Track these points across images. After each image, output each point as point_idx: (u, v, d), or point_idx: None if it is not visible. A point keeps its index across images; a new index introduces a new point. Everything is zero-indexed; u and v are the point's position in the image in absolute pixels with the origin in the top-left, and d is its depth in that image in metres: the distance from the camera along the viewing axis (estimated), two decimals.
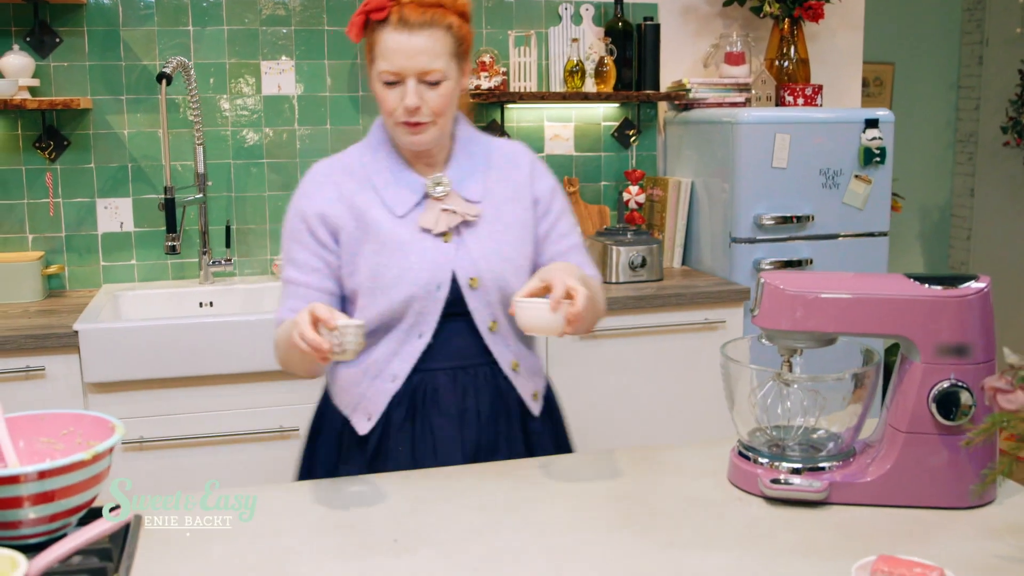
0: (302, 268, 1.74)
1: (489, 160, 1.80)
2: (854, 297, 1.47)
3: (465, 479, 1.61)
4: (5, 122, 3.01)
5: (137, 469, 2.62)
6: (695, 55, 3.51)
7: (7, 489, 1.24)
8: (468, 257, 1.73)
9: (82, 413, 1.45)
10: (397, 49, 1.64)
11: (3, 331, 2.56)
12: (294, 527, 1.44)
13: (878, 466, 1.49)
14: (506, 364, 1.78)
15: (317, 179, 1.77)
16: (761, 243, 3.08)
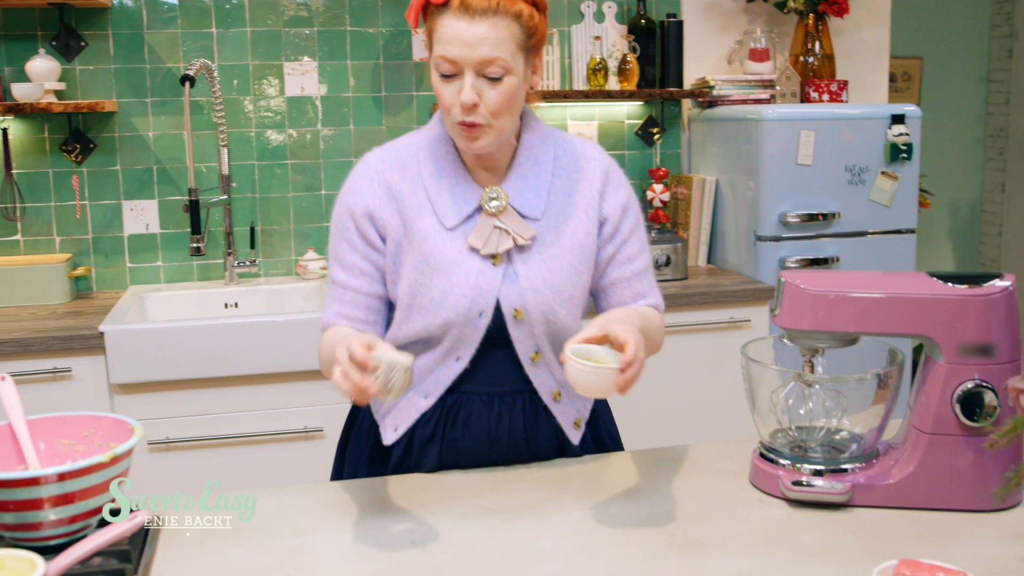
0: (351, 271, 1.63)
1: (556, 168, 1.64)
2: (875, 296, 1.45)
3: (483, 481, 1.61)
4: (32, 125, 3.04)
5: (163, 469, 2.64)
6: (719, 52, 3.49)
7: (28, 491, 1.25)
8: (516, 286, 1.59)
9: (102, 415, 1.45)
10: (456, 36, 1.47)
11: (31, 332, 2.59)
12: (313, 527, 1.44)
13: (901, 468, 1.47)
14: (547, 393, 1.66)
15: (369, 174, 1.64)
16: (786, 241, 3.06)
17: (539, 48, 1.56)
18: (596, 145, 1.72)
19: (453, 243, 1.58)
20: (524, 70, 1.53)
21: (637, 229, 1.68)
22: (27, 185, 3.06)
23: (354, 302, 1.63)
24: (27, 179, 3.06)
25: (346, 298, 1.63)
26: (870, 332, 1.48)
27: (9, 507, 1.26)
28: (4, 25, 2.98)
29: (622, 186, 1.68)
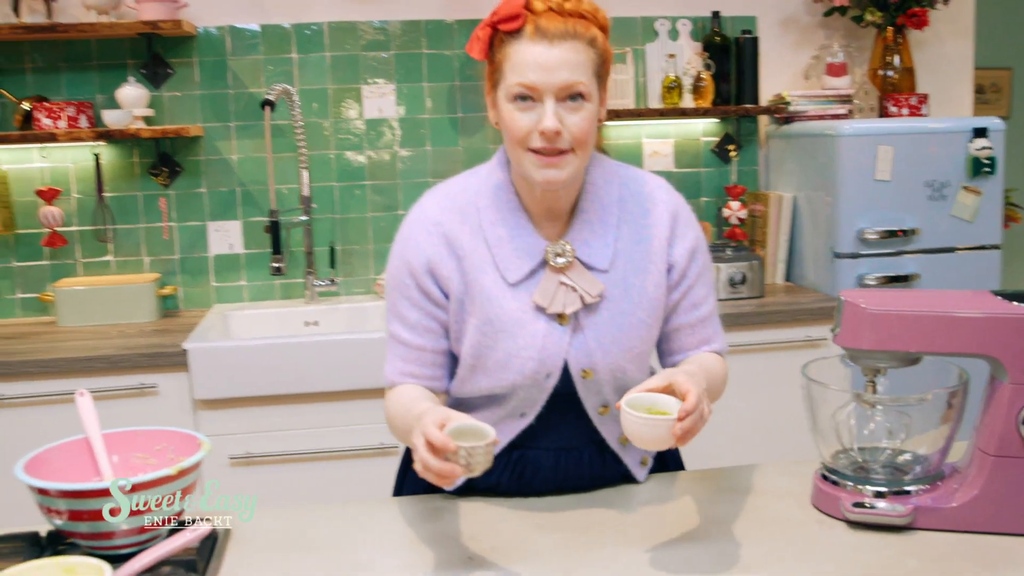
0: (414, 329, 1.57)
1: (623, 212, 1.56)
2: (937, 315, 1.43)
3: (543, 500, 1.62)
4: (122, 151, 3.17)
5: (243, 484, 2.72)
6: (796, 67, 3.45)
7: (101, 502, 1.31)
8: (584, 347, 1.53)
9: (174, 430, 1.51)
10: (534, 61, 1.41)
11: (119, 350, 2.69)
12: (372, 541, 1.48)
13: (965, 491, 1.44)
14: (614, 440, 1.63)
15: (427, 226, 1.56)
16: (865, 258, 3.00)
17: (607, 78, 1.51)
18: (662, 183, 1.64)
19: (517, 300, 1.52)
20: (598, 98, 1.47)
21: (704, 273, 1.62)
22: (118, 208, 3.19)
23: (419, 360, 1.58)
24: (118, 202, 3.19)
25: (410, 356, 1.58)
26: (931, 352, 1.45)
27: (84, 517, 1.32)
28: (98, 55, 3.12)
29: (690, 228, 1.61)
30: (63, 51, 3.11)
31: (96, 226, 3.15)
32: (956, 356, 1.46)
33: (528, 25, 1.43)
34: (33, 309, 3.19)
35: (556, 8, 1.43)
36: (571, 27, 1.42)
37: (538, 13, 1.43)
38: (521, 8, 1.43)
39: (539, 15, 1.43)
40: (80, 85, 3.13)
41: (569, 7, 1.44)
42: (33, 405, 2.61)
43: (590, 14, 1.46)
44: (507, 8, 1.44)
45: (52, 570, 1.18)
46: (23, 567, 1.18)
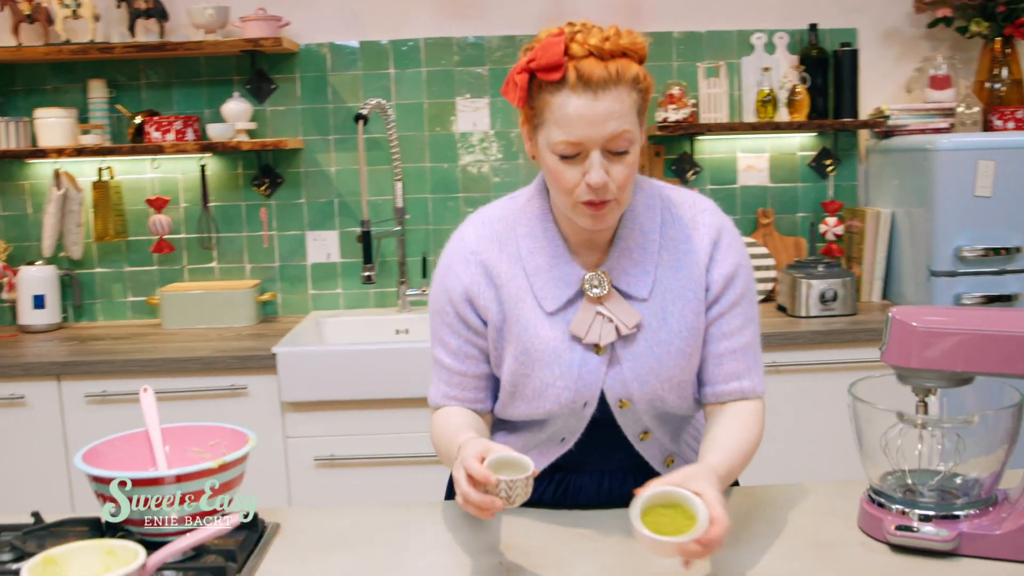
0: (455, 355, 1.58)
1: (664, 239, 1.53)
2: (986, 334, 1.37)
3: (584, 513, 1.62)
4: (227, 162, 3.32)
5: (327, 485, 2.80)
6: (899, 80, 3.35)
7: (152, 490, 1.39)
8: (620, 377, 1.51)
9: (229, 427, 1.59)
10: (579, 116, 1.35)
11: (214, 352, 2.82)
12: (411, 543, 1.51)
13: (1015, 518, 1.38)
14: (658, 463, 1.62)
15: (465, 255, 1.56)
16: (963, 276, 2.89)
17: (647, 108, 1.45)
18: (708, 204, 1.58)
19: (555, 329, 1.51)
20: (640, 134, 1.44)
21: (741, 302, 1.54)
22: (222, 217, 3.33)
23: (461, 384, 1.59)
24: (222, 211, 3.34)
25: (452, 380, 1.59)
26: (981, 372, 1.40)
27: (136, 504, 1.40)
28: (206, 71, 3.28)
29: (732, 253, 1.54)
30: (175, 68, 3.28)
31: (201, 234, 3.30)
32: (1008, 377, 1.40)
33: (570, 73, 1.36)
34: (142, 312, 3.37)
35: (596, 51, 1.36)
36: (614, 71, 1.36)
37: (578, 58, 1.36)
38: (562, 57, 1.36)
39: (579, 60, 1.36)
40: (190, 100, 3.29)
41: (609, 47, 1.37)
42: (132, 403, 2.75)
43: (631, 49, 1.39)
44: (547, 56, 1.36)
45: (94, 551, 1.25)
46: (68, 547, 1.25)
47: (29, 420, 2.77)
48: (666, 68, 3.32)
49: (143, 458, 1.54)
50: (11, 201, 3.32)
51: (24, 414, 2.78)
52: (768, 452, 2.84)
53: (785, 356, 2.85)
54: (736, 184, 3.38)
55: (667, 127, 3.17)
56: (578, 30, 1.39)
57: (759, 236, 3.35)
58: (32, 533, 1.50)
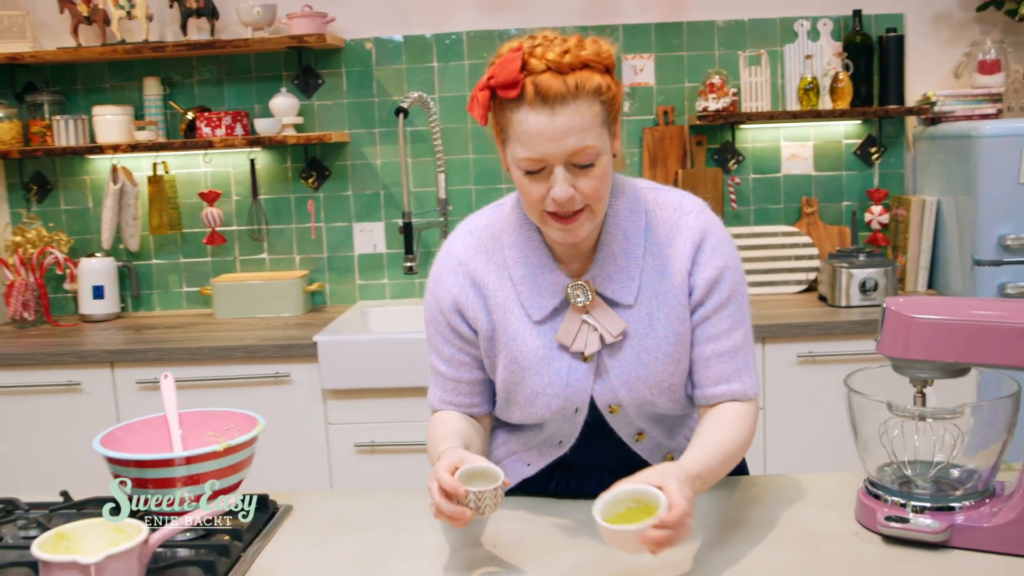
0: (449, 362, 1.60)
1: (648, 244, 1.52)
2: (980, 325, 1.36)
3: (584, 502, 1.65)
4: (277, 156, 3.41)
5: (366, 470, 2.88)
6: (948, 65, 3.28)
7: (163, 471, 1.47)
8: (608, 384, 1.53)
9: (242, 412, 1.65)
10: (538, 133, 1.34)
11: (259, 340, 2.91)
12: (413, 526, 1.56)
13: (1007, 511, 1.37)
14: (658, 460, 1.62)
15: (453, 266, 1.57)
16: (1008, 266, 2.83)
17: (618, 114, 1.43)
18: (693, 206, 1.55)
19: (542, 338, 1.52)
20: (610, 143, 1.41)
21: (728, 305, 1.52)
22: (272, 209, 3.43)
23: (456, 390, 1.61)
24: (272, 204, 3.43)
25: (448, 387, 1.61)
26: (974, 363, 1.39)
27: (149, 484, 1.48)
28: (256, 68, 3.37)
29: (716, 256, 1.52)
30: (225, 65, 3.38)
31: (251, 226, 3.40)
32: (1000, 368, 1.39)
33: (527, 89, 1.34)
34: (196, 302, 3.49)
35: (555, 66, 1.33)
36: (572, 85, 1.34)
37: (536, 73, 1.34)
38: (518, 75, 1.34)
39: (537, 75, 1.34)
40: (240, 96, 3.39)
41: (569, 60, 1.34)
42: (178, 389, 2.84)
43: (594, 60, 1.36)
44: (504, 73, 1.35)
45: (102, 528, 1.33)
46: (78, 524, 1.33)
47: (85, 405, 2.90)
48: (708, 57, 3.31)
49: (161, 441, 1.62)
50: (72, 196, 3.46)
51: (80, 399, 2.91)
52: (803, 441, 2.85)
53: (822, 346, 2.83)
54: (780, 173, 3.36)
55: (706, 116, 3.17)
56: (538, 44, 1.37)
57: (803, 225, 3.32)
58: (58, 511, 1.60)
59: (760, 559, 1.39)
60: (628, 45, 3.33)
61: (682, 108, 3.34)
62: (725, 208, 3.35)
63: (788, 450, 2.86)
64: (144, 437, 1.61)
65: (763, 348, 2.83)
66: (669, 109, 3.33)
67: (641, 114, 3.36)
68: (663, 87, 3.34)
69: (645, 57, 3.33)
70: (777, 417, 2.87)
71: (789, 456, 2.85)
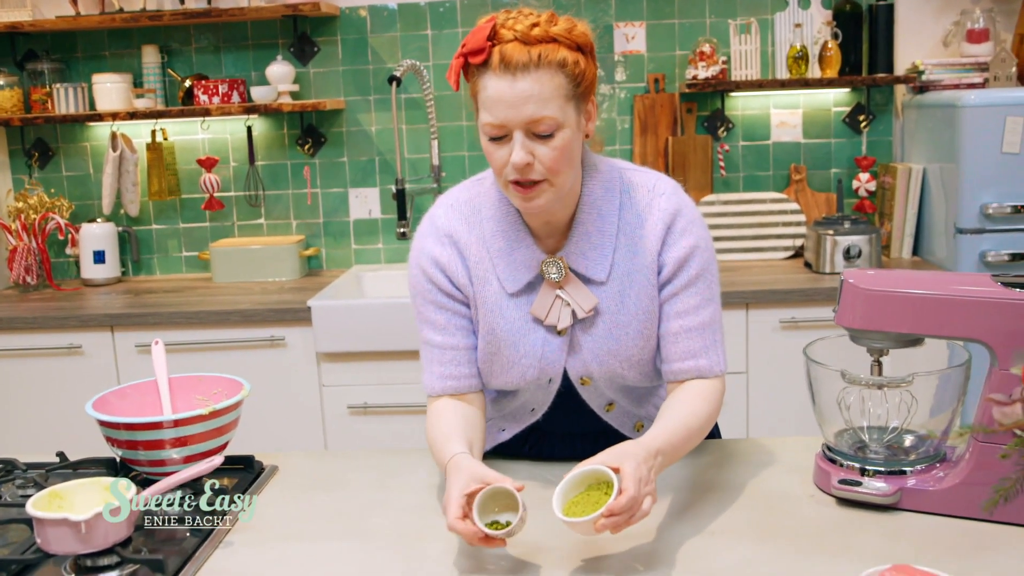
0: (444, 329, 1.60)
1: (622, 223, 1.56)
2: (928, 297, 1.42)
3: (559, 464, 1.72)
4: (273, 123, 3.46)
5: (359, 431, 2.96)
6: (938, 34, 3.30)
7: (152, 433, 1.54)
8: (580, 358, 1.58)
9: (229, 377, 1.72)
10: (499, 98, 1.40)
11: (255, 304, 2.98)
12: (395, 485, 1.64)
13: (954, 475, 1.44)
14: (628, 429, 1.69)
15: (438, 235, 1.60)
16: (989, 234, 2.88)
17: (590, 93, 1.48)
18: (666, 187, 1.59)
19: (518, 310, 1.57)
20: (577, 119, 1.45)
21: (697, 282, 1.56)
22: (268, 175, 3.49)
23: (455, 359, 1.60)
24: (269, 170, 3.49)
25: (446, 358, 1.60)
26: (925, 333, 1.45)
27: (139, 446, 1.55)
28: (252, 36, 3.42)
29: (686, 236, 1.56)
30: (222, 33, 3.42)
31: (248, 192, 3.46)
32: (950, 339, 1.46)
33: (494, 56, 1.39)
34: (194, 266, 3.56)
35: (522, 37, 1.39)
36: (535, 55, 1.38)
37: (504, 42, 1.39)
38: (484, 41, 1.40)
39: (504, 44, 1.39)
40: (237, 63, 3.43)
41: (537, 33, 1.39)
42: (176, 352, 2.92)
43: (563, 36, 1.41)
44: (473, 42, 1.41)
45: (93, 487, 1.41)
46: (71, 483, 1.41)
47: (86, 368, 2.99)
48: (699, 25, 3.34)
49: (152, 405, 1.69)
50: (73, 162, 3.53)
51: (81, 362, 2.99)
52: (785, 405, 2.91)
53: (805, 312, 2.89)
54: (769, 140, 3.40)
55: (696, 84, 3.20)
56: (512, 16, 1.42)
57: (791, 192, 3.36)
58: (55, 471, 1.67)
59: (720, 521, 1.46)
60: (620, 13, 3.36)
61: (673, 76, 3.38)
62: (714, 175, 3.39)
63: (769, 414, 2.93)
64: (135, 401, 1.68)
65: (747, 313, 2.89)
66: (660, 77, 3.36)
67: (632, 81, 3.39)
68: (654, 55, 3.37)
69: (636, 25, 3.36)
70: (758, 381, 2.94)
71: (770, 420, 2.92)
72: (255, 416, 2.43)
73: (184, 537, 1.42)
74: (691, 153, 3.35)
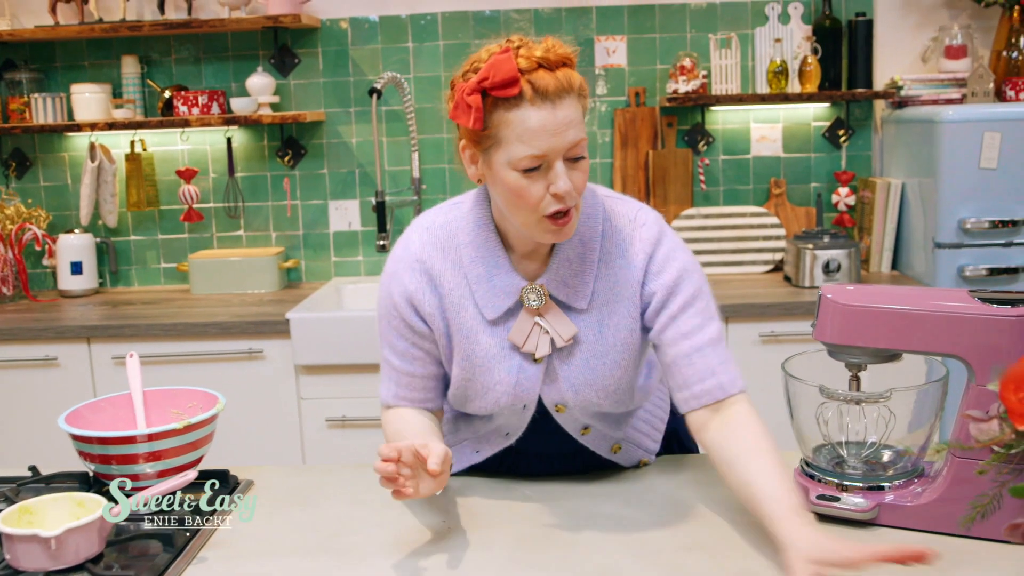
0: (402, 356, 1.61)
1: (603, 251, 1.54)
2: (905, 312, 1.43)
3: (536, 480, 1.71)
4: (254, 134, 3.45)
5: (337, 444, 2.94)
6: (917, 50, 3.33)
7: (125, 448, 1.53)
8: (556, 386, 1.56)
9: (204, 391, 1.71)
10: (542, 128, 1.35)
11: (233, 317, 2.96)
12: (369, 501, 1.62)
13: (932, 491, 1.44)
14: (605, 451, 1.67)
15: (410, 263, 1.57)
16: (967, 248, 2.90)
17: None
18: (647, 218, 1.57)
19: (495, 337, 1.54)
20: None
21: (695, 303, 1.52)
22: (248, 187, 3.47)
23: (410, 384, 1.62)
24: (249, 181, 3.47)
25: (401, 381, 1.62)
26: (903, 349, 1.45)
27: (112, 461, 1.54)
28: (233, 47, 3.40)
29: (671, 262, 1.53)
30: (203, 44, 3.40)
31: (228, 203, 3.45)
32: (927, 355, 1.46)
33: (525, 87, 1.36)
34: (173, 278, 3.54)
35: (543, 62, 1.37)
36: (564, 80, 1.37)
37: (529, 71, 1.36)
38: (516, 72, 1.35)
39: (531, 73, 1.36)
40: (218, 74, 3.42)
41: (553, 56, 1.38)
42: (154, 364, 2.90)
43: (569, 58, 1.41)
44: (500, 74, 1.36)
45: (65, 502, 1.39)
46: (42, 498, 1.39)
47: (61, 380, 2.96)
48: (680, 39, 3.35)
49: (126, 419, 1.68)
50: (51, 173, 3.50)
51: (57, 374, 2.96)
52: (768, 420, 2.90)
53: (785, 326, 2.89)
54: (749, 154, 3.41)
55: (677, 98, 3.21)
56: (519, 45, 1.40)
57: (771, 206, 3.37)
58: (26, 485, 1.65)
59: (695, 537, 1.46)
60: (601, 27, 3.37)
61: (653, 90, 3.39)
62: (694, 189, 3.40)
63: None
64: (109, 415, 1.67)
65: (727, 328, 2.90)
66: (640, 90, 3.37)
67: (613, 95, 3.40)
68: (635, 69, 3.38)
69: (617, 39, 3.37)
70: None
71: None
72: (233, 429, 2.42)
73: (157, 553, 1.40)
74: (671, 167, 3.36)
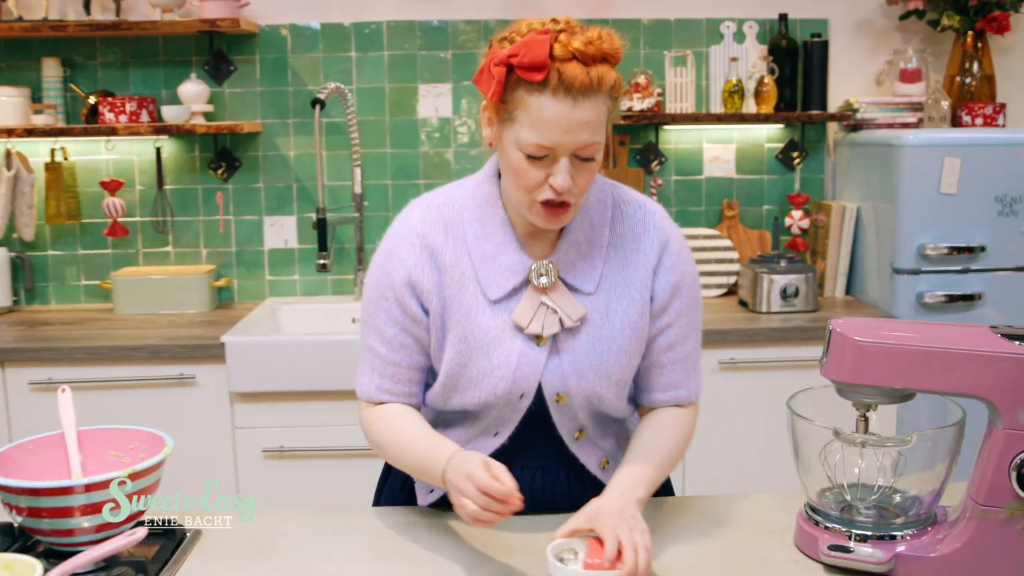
0: (390, 344, 1.52)
1: (613, 236, 1.52)
2: (926, 350, 1.33)
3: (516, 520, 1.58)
4: (185, 144, 3.25)
5: (275, 477, 2.76)
6: (870, 72, 3.30)
7: (59, 499, 1.34)
8: (559, 370, 1.48)
9: (147, 430, 1.53)
10: (555, 121, 1.33)
11: (162, 340, 2.76)
12: (337, 552, 1.47)
13: (951, 541, 1.34)
14: (594, 465, 1.58)
15: (411, 238, 1.51)
16: (926, 275, 2.86)
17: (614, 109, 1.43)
18: (657, 208, 1.57)
19: (496, 318, 1.47)
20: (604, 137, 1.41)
21: (686, 313, 1.53)
22: (178, 200, 3.26)
23: (395, 376, 1.53)
24: (178, 194, 3.27)
25: (386, 372, 1.53)
26: (920, 389, 1.36)
27: (43, 514, 1.35)
28: (164, 52, 3.20)
29: (680, 263, 1.53)
30: (132, 48, 3.19)
31: (156, 217, 3.23)
32: (946, 395, 1.37)
33: (552, 76, 1.32)
34: (95, 296, 3.30)
35: (580, 55, 1.32)
36: (596, 78, 1.33)
37: (561, 60, 1.32)
38: (547, 58, 1.31)
39: (562, 63, 1.32)
40: (147, 80, 3.21)
41: (593, 51, 1.33)
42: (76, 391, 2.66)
43: (611, 55, 1.36)
44: (531, 55, 1.31)
45: None
46: None
47: None
48: (633, 56, 3.26)
49: (58, 463, 1.49)
50: None
51: None
52: (724, 450, 2.83)
53: (743, 353, 2.81)
54: (702, 175, 3.33)
55: (631, 116, 3.12)
56: (562, 29, 1.35)
57: (723, 229, 3.30)
58: None
59: None
60: None
61: None
62: None
63: (707, 457, 2.82)
64: (39, 459, 1.47)
65: None
66: None
67: None
68: None
69: None
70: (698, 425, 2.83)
71: (709, 463, 2.82)
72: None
73: None
74: None
